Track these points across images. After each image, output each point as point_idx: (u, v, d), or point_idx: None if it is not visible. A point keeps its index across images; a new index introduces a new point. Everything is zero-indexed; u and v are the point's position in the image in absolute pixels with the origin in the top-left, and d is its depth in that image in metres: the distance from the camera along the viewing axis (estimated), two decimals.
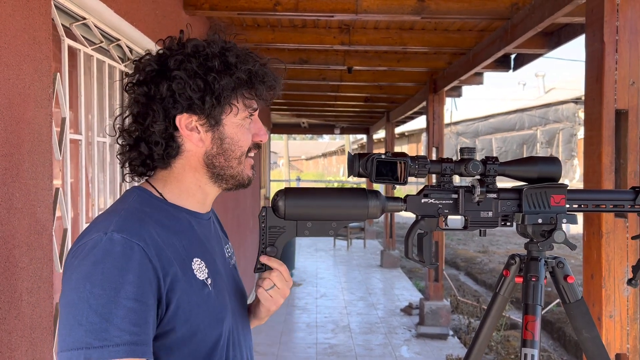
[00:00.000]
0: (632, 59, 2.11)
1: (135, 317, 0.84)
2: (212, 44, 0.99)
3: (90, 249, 0.86)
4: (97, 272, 0.84)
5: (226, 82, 0.97)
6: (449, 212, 1.18)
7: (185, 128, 0.99)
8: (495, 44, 3.75)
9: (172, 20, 3.01)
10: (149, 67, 0.99)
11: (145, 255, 0.88)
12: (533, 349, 1.11)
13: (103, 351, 0.81)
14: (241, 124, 1.02)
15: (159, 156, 0.99)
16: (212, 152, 1.01)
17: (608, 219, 2.13)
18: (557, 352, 5.49)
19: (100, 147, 2.28)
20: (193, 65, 0.96)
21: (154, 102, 0.97)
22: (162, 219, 0.97)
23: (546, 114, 19.74)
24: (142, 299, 0.85)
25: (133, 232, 0.89)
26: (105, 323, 0.82)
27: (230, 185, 1.06)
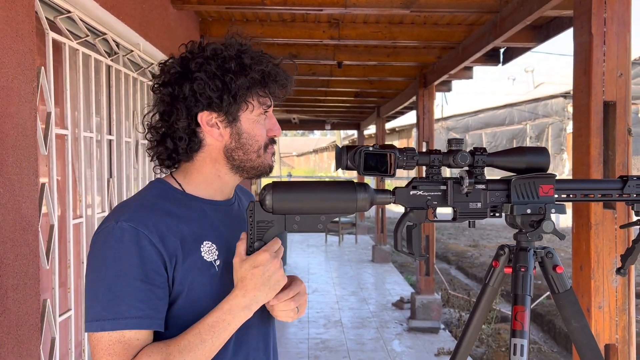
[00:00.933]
0: (619, 50, 2.12)
1: (141, 295, 0.99)
2: (229, 47, 1.09)
3: (105, 236, 1.01)
4: (109, 256, 0.99)
5: (242, 82, 1.06)
6: (437, 203, 1.17)
7: (206, 124, 1.09)
8: (484, 37, 3.75)
9: (159, 14, 2.98)
10: (173, 69, 1.09)
11: (150, 242, 1.01)
12: (522, 339, 1.11)
13: (114, 323, 0.97)
14: (257, 119, 1.12)
15: (183, 150, 1.10)
16: (231, 146, 1.11)
17: (597, 210, 2.14)
18: (547, 344, 5.54)
19: (87, 142, 2.26)
20: (212, 67, 1.06)
21: (177, 101, 1.08)
22: (174, 208, 1.08)
23: (535, 108, 19.85)
24: (146, 279, 0.99)
25: (140, 221, 1.02)
26: (117, 300, 0.98)
27: (252, 175, 1.15)
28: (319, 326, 5.46)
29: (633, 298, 2.21)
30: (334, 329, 5.39)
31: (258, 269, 1.01)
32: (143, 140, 2.94)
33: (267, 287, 1.03)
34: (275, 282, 1.03)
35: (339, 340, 5.05)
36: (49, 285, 1.87)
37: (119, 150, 2.59)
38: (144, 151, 2.94)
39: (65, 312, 1.99)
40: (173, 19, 3.31)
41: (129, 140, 2.72)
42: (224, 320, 1.01)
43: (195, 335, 1.00)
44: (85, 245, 2.16)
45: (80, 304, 2.16)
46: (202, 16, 3.98)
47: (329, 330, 5.33)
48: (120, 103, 2.61)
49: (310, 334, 5.20)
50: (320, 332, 5.29)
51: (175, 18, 3.35)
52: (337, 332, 5.29)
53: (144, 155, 2.94)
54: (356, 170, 1.12)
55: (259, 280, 1.01)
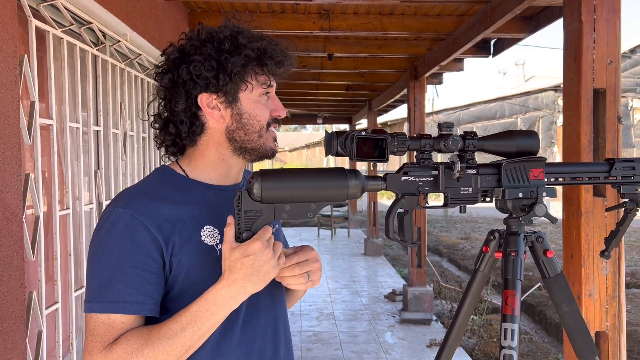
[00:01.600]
0: (609, 37, 2.11)
1: (131, 280, 1.00)
2: (225, 29, 1.10)
3: (103, 221, 1.04)
4: (104, 242, 1.02)
5: (236, 60, 1.06)
6: (429, 189, 1.15)
7: (207, 106, 1.09)
8: (474, 28, 3.74)
9: (147, 4, 2.94)
10: (172, 55, 1.10)
11: (145, 227, 1.02)
12: (513, 323, 1.10)
13: (102, 305, 0.99)
14: (258, 100, 1.11)
15: (186, 134, 1.11)
16: (233, 127, 1.11)
17: (587, 198, 2.13)
18: (538, 334, 5.57)
19: (73, 133, 2.22)
20: (207, 49, 1.07)
21: (177, 85, 1.09)
22: (175, 193, 1.09)
23: (526, 102, 19.92)
24: (138, 265, 1.01)
25: (136, 208, 1.03)
26: (107, 284, 1.00)
27: (254, 157, 1.15)
28: (311, 319, 5.46)
29: (623, 286, 2.21)
30: (326, 321, 5.39)
31: (248, 258, 0.97)
32: (131, 131, 2.91)
33: (256, 278, 0.99)
34: (265, 273, 0.99)
35: (332, 332, 5.05)
36: (36, 278, 1.84)
37: (107, 141, 2.56)
38: (132, 143, 2.91)
39: (52, 304, 1.96)
40: (161, 10, 3.27)
41: (117, 132, 2.69)
42: (207, 310, 0.98)
43: (176, 323, 0.98)
44: (72, 237, 2.13)
45: (68, 297, 2.13)
46: (190, 7, 3.93)
47: (321, 323, 5.33)
48: (108, 94, 2.57)
49: (302, 327, 5.19)
50: (313, 324, 5.28)
51: (163, 9, 3.31)
52: (330, 324, 5.29)
53: (132, 146, 2.90)
54: (348, 156, 1.10)
55: (248, 270, 0.97)
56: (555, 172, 1.17)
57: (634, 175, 1.19)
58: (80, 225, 2.24)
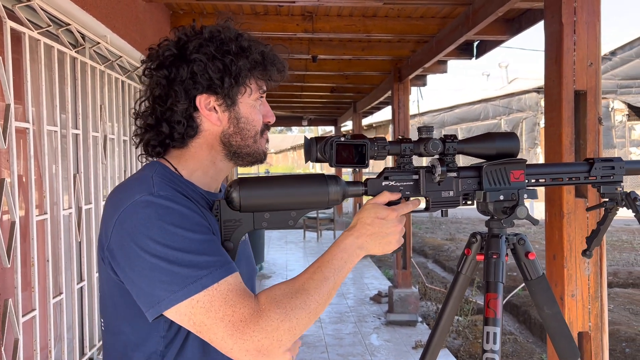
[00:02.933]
0: (589, 40, 2.13)
1: (217, 245, 0.96)
2: (227, 30, 1.06)
3: (150, 209, 0.92)
4: (168, 223, 0.91)
5: (243, 64, 1.03)
6: (410, 193, 1.14)
7: (204, 108, 1.05)
8: (457, 30, 3.76)
9: (127, 5, 2.90)
10: (167, 51, 1.04)
11: (192, 205, 0.97)
12: (495, 326, 1.10)
13: (212, 275, 0.90)
14: (253, 104, 1.09)
15: (179, 135, 1.05)
16: (229, 131, 1.07)
17: (569, 199, 2.15)
18: (523, 334, 5.60)
19: (51, 137, 2.18)
20: (211, 49, 1.02)
21: (174, 84, 1.03)
22: (184, 190, 1.02)
23: (509, 103, 20.11)
24: (209, 231, 0.96)
25: (174, 194, 0.96)
26: (199, 256, 0.91)
27: (247, 162, 1.12)
28: None
29: (605, 286, 2.23)
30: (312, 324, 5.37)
31: (380, 220, 1.02)
32: (112, 134, 2.86)
33: (378, 240, 1.03)
34: (387, 242, 1.03)
35: (317, 335, 5.03)
36: (12, 285, 1.80)
37: (86, 145, 2.52)
38: (112, 146, 2.87)
39: (29, 312, 1.92)
40: (142, 12, 3.23)
41: (97, 135, 2.64)
42: (340, 258, 1.00)
43: (318, 273, 0.97)
44: (50, 243, 2.09)
45: (46, 304, 2.09)
46: (172, 9, 3.90)
47: None
48: (87, 96, 2.53)
49: None
50: None
51: (144, 10, 3.27)
52: (315, 327, 5.27)
53: (112, 150, 2.86)
54: (327, 162, 1.08)
55: (376, 228, 1.02)
56: (535, 173, 1.17)
57: (613, 175, 1.20)
58: (58, 231, 2.20)
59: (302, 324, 0.92)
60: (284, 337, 0.90)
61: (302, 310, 0.92)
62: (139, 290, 0.92)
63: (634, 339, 4.82)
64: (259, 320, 0.89)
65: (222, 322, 0.89)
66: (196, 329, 0.91)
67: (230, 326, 0.89)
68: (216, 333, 0.89)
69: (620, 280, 7.10)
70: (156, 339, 0.99)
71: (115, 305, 1.01)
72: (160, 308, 0.90)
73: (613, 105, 19.26)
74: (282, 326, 0.90)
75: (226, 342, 0.89)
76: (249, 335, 0.88)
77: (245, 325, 0.89)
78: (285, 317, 0.90)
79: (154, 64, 1.06)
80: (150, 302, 0.91)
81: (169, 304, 0.89)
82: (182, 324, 0.92)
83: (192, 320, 0.90)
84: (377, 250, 1.03)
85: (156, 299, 0.90)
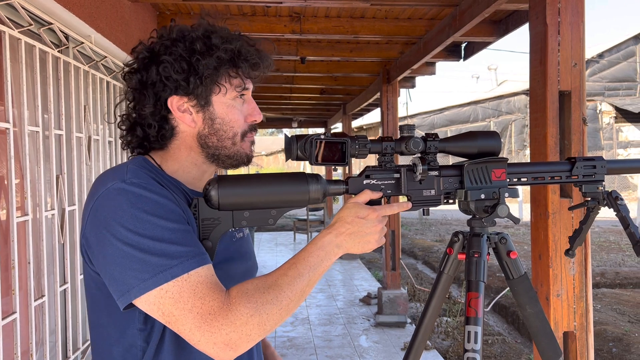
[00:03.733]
0: (573, 40, 2.14)
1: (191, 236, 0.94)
2: (197, 28, 1.04)
3: (121, 196, 0.91)
4: (140, 211, 0.90)
5: (208, 62, 1.00)
6: (391, 192, 1.13)
7: (177, 110, 1.04)
8: (444, 31, 3.76)
9: (112, 5, 2.88)
10: (141, 54, 1.05)
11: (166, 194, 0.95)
12: (477, 326, 1.09)
13: (184, 265, 0.89)
14: (231, 104, 1.06)
15: (154, 138, 1.05)
16: (205, 132, 1.05)
17: (554, 199, 2.15)
18: (511, 335, 5.62)
19: (33, 137, 2.15)
20: (179, 49, 1.01)
21: (146, 87, 1.03)
22: (163, 182, 1.01)
23: (499, 105, 20.25)
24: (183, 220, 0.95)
25: (148, 180, 0.96)
26: (172, 246, 0.90)
27: (228, 165, 1.10)
28: (286, 324, 5.41)
29: (590, 286, 2.23)
30: (301, 326, 5.35)
31: (361, 220, 1.01)
32: (96, 135, 2.84)
33: (357, 240, 1.01)
34: (366, 242, 1.02)
35: (306, 337, 5.01)
36: None
37: (70, 145, 2.49)
38: (97, 147, 2.84)
39: (9, 315, 1.89)
40: (128, 12, 3.21)
41: (80, 136, 2.61)
42: (317, 255, 0.98)
43: (291, 269, 0.95)
44: (31, 245, 2.06)
45: (27, 307, 2.06)
46: (159, 9, 3.87)
47: (296, 328, 5.29)
48: (71, 97, 2.50)
49: (277, 332, 5.14)
50: (288, 330, 5.24)
51: (130, 10, 3.24)
52: (305, 329, 5.25)
53: (96, 151, 2.83)
54: (308, 160, 1.07)
55: (355, 227, 1.01)
56: (517, 172, 1.17)
57: (595, 174, 1.20)
58: (40, 232, 2.17)
59: (272, 319, 0.91)
60: (253, 332, 0.89)
61: (274, 305, 0.91)
62: (110, 278, 0.91)
63: (621, 339, 4.85)
64: (228, 314, 0.88)
65: (190, 313, 0.88)
66: (165, 319, 0.90)
67: (198, 318, 0.87)
68: (184, 324, 0.88)
69: (608, 281, 7.16)
70: (133, 331, 0.98)
71: (93, 298, 1.01)
72: (130, 296, 0.89)
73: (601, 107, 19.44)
74: (252, 321, 0.89)
75: (194, 334, 0.88)
76: (217, 328, 0.87)
77: (214, 318, 0.87)
78: (255, 311, 0.89)
79: (129, 68, 1.07)
80: (120, 290, 0.90)
81: (138, 292, 0.88)
82: (152, 314, 0.91)
83: (161, 310, 0.89)
84: (356, 249, 1.02)
85: (126, 287, 0.89)
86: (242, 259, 1.17)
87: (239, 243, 1.16)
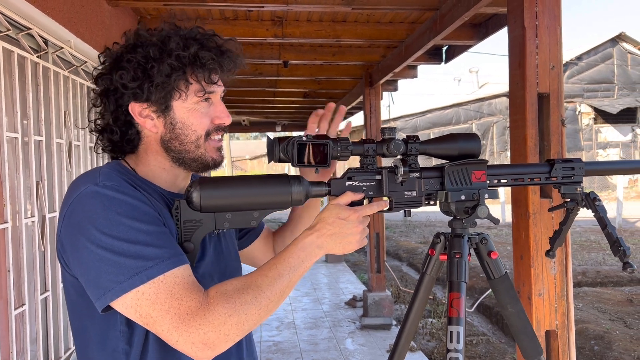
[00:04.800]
0: (551, 43, 2.18)
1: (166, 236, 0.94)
2: (156, 33, 1.04)
3: (95, 199, 0.92)
4: (113, 213, 0.90)
5: (162, 69, 1.00)
6: (373, 193, 1.14)
7: (139, 115, 1.04)
8: (425, 35, 3.80)
9: (92, 10, 2.86)
10: (106, 60, 1.05)
11: (139, 196, 0.96)
12: (459, 326, 1.10)
13: (159, 267, 0.89)
14: (194, 108, 1.05)
15: (120, 143, 1.06)
16: (166, 136, 1.05)
17: (534, 199, 2.18)
18: (495, 335, 5.67)
19: (12, 143, 2.13)
20: (137, 55, 1.01)
21: (108, 93, 1.04)
22: (137, 185, 1.01)
23: (480, 107, 20.47)
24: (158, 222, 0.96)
25: (120, 183, 0.96)
26: (147, 248, 0.90)
27: (195, 168, 1.09)
28: (271, 329, 5.39)
29: (571, 285, 2.27)
30: (286, 330, 5.34)
31: (341, 220, 1.01)
32: (77, 141, 2.81)
33: (339, 241, 1.02)
34: (347, 242, 1.02)
35: (292, 341, 5.00)
36: None
37: (50, 151, 2.46)
38: (77, 153, 2.81)
39: None
40: (108, 16, 3.18)
41: (61, 142, 2.58)
42: (298, 256, 0.98)
43: (272, 270, 0.96)
44: (11, 253, 2.03)
45: (8, 316, 2.03)
46: (140, 14, 3.85)
47: (281, 332, 5.28)
48: (50, 102, 2.47)
49: (262, 337, 5.13)
50: (273, 334, 5.22)
51: (110, 15, 3.22)
52: (290, 333, 5.24)
53: (77, 157, 2.80)
54: (290, 162, 1.08)
55: (336, 229, 1.01)
56: (496, 174, 1.19)
57: (573, 175, 1.22)
58: (20, 240, 2.14)
59: (251, 319, 0.91)
60: (232, 332, 0.90)
61: (252, 305, 0.91)
62: (87, 281, 0.92)
63: (602, 337, 4.93)
64: (206, 314, 0.88)
65: (167, 314, 0.88)
66: (143, 321, 0.90)
67: (176, 318, 0.88)
68: (162, 325, 0.89)
69: (589, 280, 7.26)
70: (115, 334, 0.98)
71: (73, 303, 1.00)
72: (106, 299, 0.89)
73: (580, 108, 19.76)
74: (230, 320, 0.89)
75: (172, 335, 0.88)
76: (194, 327, 0.88)
77: (192, 318, 0.88)
78: (233, 311, 0.90)
79: (97, 74, 1.07)
80: (97, 293, 0.90)
81: (115, 295, 0.89)
82: (130, 317, 0.91)
83: (138, 312, 0.89)
84: (337, 250, 1.03)
85: (102, 291, 0.89)
86: (219, 258, 1.16)
87: (215, 244, 1.16)
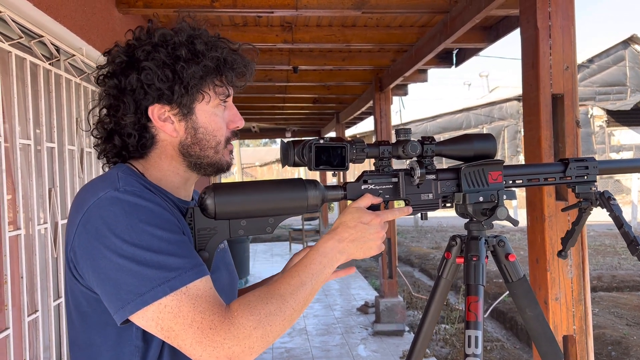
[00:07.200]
0: (565, 44, 2.15)
1: (188, 246, 0.91)
2: (180, 33, 0.99)
3: (110, 205, 0.87)
4: (135, 220, 0.87)
5: (194, 71, 0.96)
6: (390, 197, 1.12)
7: (158, 119, 0.99)
8: (435, 38, 3.78)
9: (102, 17, 2.87)
10: (118, 58, 0.99)
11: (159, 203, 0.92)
12: (477, 330, 1.08)
13: (182, 278, 0.86)
14: (214, 112, 1.02)
15: (134, 147, 1.01)
16: (187, 142, 1.01)
17: (549, 202, 2.15)
18: (510, 341, 5.60)
19: (25, 150, 2.13)
20: (161, 55, 0.96)
21: (124, 94, 0.98)
22: (154, 192, 0.97)
23: (491, 112, 20.35)
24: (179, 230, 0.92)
25: (141, 189, 0.92)
26: (170, 258, 0.86)
27: (209, 172, 1.06)
28: (283, 335, 5.36)
29: (588, 289, 2.23)
30: (298, 337, 5.31)
31: (364, 225, 1.00)
32: (88, 148, 2.82)
33: (359, 246, 1.00)
34: (368, 249, 1.01)
35: (304, 348, 4.97)
36: None
37: (62, 158, 2.47)
38: (89, 159, 2.82)
39: (2, 331, 1.86)
40: (119, 24, 3.20)
41: (73, 148, 2.59)
42: (319, 262, 0.96)
43: (294, 278, 0.93)
44: (24, 259, 2.03)
45: (21, 322, 2.03)
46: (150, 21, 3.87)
47: (293, 339, 5.25)
48: (62, 109, 2.48)
49: (274, 344, 5.10)
50: (285, 341, 5.20)
51: (120, 22, 3.24)
52: (302, 340, 5.21)
53: (89, 163, 2.81)
54: (306, 165, 1.06)
55: (358, 233, 1.00)
56: (512, 174, 1.17)
57: (587, 175, 1.20)
58: (33, 247, 2.14)
59: (276, 330, 0.89)
60: (256, 345, 0.86)
61: (277, 316, 0.88)
62: (104, 292, 0.87)
63: (620, 342, 4.84)
64: (230, 327, 0.85)
65: (190, 328, 0.84)
66: (164, 334, 0.86)
67: (199, 333, 0.84)
68: (185, 340, 0.85)
69: (605, 284, 7.16)
70: (130, 349, 0.92)
71: (83, 315, 0.94)
72: (126, 312, 0.85)
73: (592, 111, 19.58)
74: (255, 333, 0.86)
75: (195, 349, 0.85)
76: (219, 342, 0.84)
77: (216, 332, 0.84)
78: (258, 324, 0.87)
79: (105, 71, 1.01)
80: (116, 305, 0.86)
81: (135, 307, 0.84)
82: (150, 330, 0.87)
83: (159, 325, 0.85)
84: (358, 255, 1.01)
85: (122, 303, 0.85)
86: (227, 270, 1.14)
87: (221, 254, 1.13)
